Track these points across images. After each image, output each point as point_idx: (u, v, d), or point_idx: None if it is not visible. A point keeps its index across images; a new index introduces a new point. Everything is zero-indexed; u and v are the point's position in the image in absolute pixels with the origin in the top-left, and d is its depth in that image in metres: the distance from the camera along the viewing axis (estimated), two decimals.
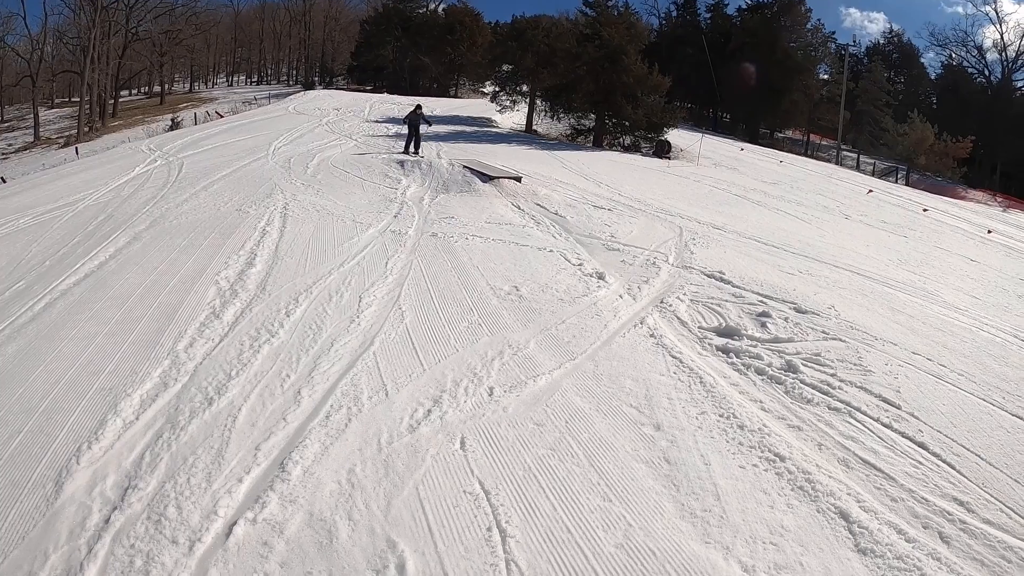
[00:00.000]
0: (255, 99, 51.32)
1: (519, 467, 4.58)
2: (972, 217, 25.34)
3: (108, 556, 3.69)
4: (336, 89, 54.50)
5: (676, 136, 29.20)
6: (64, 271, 8.39)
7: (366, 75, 57.77)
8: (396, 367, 5.91)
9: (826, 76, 53.56)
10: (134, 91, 67.79)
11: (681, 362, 6.36)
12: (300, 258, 8.80)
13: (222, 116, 36.77)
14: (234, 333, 6.50)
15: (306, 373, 5.73)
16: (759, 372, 6.28)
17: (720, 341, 6.94)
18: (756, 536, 4.12)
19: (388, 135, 21.53)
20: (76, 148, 28.03)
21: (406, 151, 18.27)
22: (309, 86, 62.94)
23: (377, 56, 54.68)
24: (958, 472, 5.07)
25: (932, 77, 62.61)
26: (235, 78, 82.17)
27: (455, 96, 49.97)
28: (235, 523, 3.91)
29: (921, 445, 5.35)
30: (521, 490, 4.34)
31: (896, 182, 39.57)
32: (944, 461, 5.18)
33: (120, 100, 57.61)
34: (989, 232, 21.71)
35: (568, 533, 3.99)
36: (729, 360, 6.52)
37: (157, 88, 66.26)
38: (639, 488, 4.47)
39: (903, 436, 5.45)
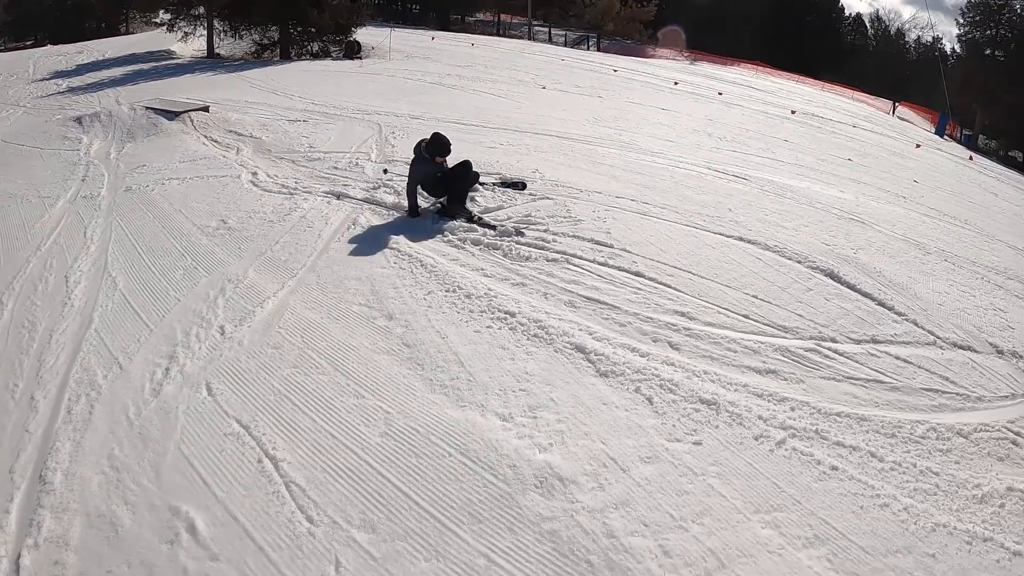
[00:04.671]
0: None
1: (270, 393, 4.50)
2: (661, 72, 27.38)
3: None
4: None
5: (366, 35, 28.41)
6: None
7: (25, 29, 50.76)
8: (123, 336, 5.41)
9: None
10: None
11: (399, 251, 6.44)
12: None
13: None
14: None
15: (33, 375, 5.05)
16: (475, 243, 6.52)
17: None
18: (505, 388, 4.38)
19: (59, 91, 19.14)
20: None
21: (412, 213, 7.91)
22: None
23: (35, 5, 48.08)
24: (675, 289, 5.66)
25: None
26: None
27: (128, 33, 45.13)
28: (20, 556, 3.51)
29: (637, 274, 5.88)
30: (278, 414, 4.29)
31: (588, 49, 41.73)
32: (661, 283, 5.74)
33: None
34: (676, 84, 23.63)
35: (334, 439, 4.04)
36: (445, 239, 6.69)
37: None
38: (387, 377, 4.57)
39: (620, 270, 5.95)
